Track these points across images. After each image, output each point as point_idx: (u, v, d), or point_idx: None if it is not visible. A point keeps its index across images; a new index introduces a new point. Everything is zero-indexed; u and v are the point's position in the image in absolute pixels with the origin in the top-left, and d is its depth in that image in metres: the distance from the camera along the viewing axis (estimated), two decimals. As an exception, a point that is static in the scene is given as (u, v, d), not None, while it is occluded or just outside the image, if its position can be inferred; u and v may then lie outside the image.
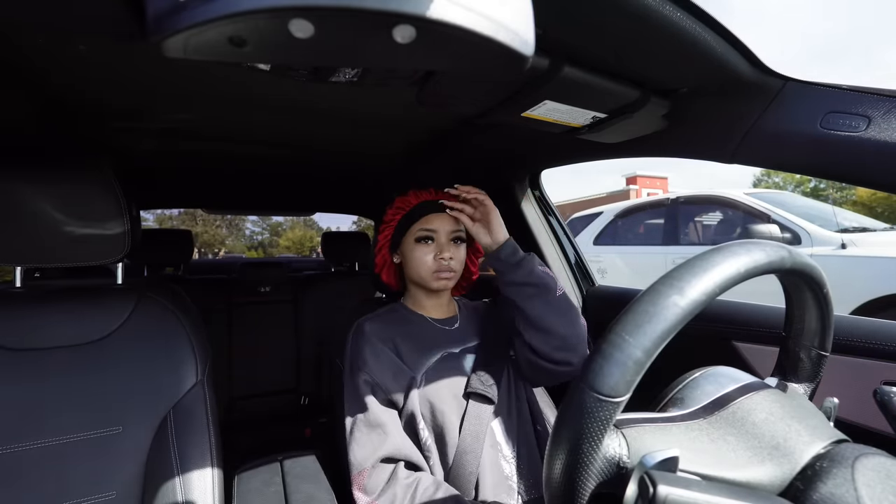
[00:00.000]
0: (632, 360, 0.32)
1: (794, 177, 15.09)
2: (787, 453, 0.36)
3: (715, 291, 0.34)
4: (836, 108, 0.58)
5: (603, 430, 0.32)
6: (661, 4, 0.49)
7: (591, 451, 0.32)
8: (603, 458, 0.34)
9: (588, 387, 0.32)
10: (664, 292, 0.33)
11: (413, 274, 0.94)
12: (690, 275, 0.34)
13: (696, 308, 0.33)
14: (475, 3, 0.28)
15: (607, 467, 0.35)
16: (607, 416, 0.32)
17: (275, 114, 0.92)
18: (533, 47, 0.32)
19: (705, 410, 0.41)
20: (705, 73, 0.63)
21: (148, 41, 0.28)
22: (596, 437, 0.32)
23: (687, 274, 0.34)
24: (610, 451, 0.35)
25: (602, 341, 0.34)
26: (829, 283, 0.43)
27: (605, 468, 0.35)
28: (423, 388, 0.84)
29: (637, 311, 0.33)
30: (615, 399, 0.32)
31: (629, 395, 0.32)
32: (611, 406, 0.32)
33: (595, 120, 0.78)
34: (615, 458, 0.35)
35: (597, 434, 0.32)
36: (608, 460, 0.35)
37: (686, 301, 0.33)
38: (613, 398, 0.32)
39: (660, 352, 0.33)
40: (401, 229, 0.95)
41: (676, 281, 0.34)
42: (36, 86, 0.71)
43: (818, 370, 0.47)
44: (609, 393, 0.32)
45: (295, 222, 21.49)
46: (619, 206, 4.70)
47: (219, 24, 0.27)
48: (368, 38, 0.31)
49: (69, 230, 0.73)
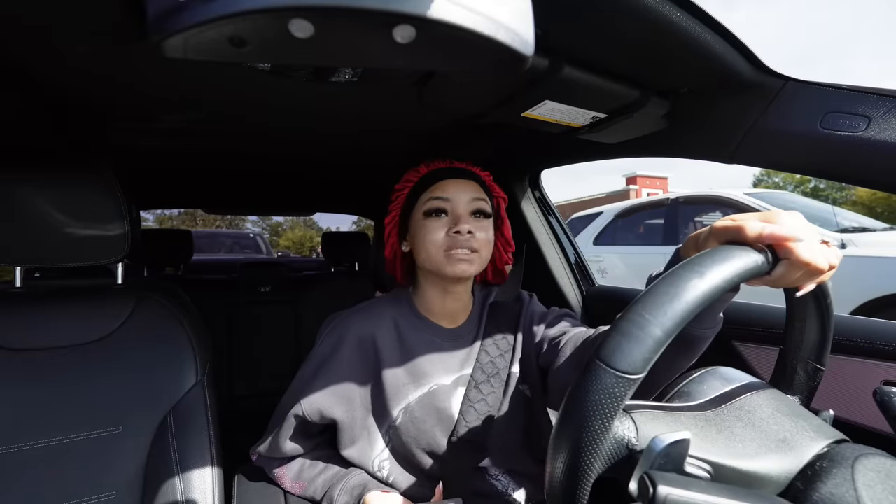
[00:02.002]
0: (651, 338, 0.32)
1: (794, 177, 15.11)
2: (794, 447, 0.36)
3: (733, 280, 0.35)
4: (836, 108, 0.58)
5: (616, 407, 0.32)
6: (661, 4, 0.49)
7: (603, 428, 0.32)
8: (612, 439, 0.34)
9: (605, 363, 0.32)
10: (685, 275, 0.34)
11: (423, 258, 0.73)
12: (711, 261, 0.35)
13: (714, 293, 0.33)
14: (475, 3, 0.28)
15: (615, 449, 0.35)
16: (622, 392, 0.32)
17: (275, 114, 0.92)
18: (533, 47, 0.32)
19: (712, 403, 0.41)
20: (705, 74, 0.63)
21: (148, 41, 0.28)
22: (609, 414, 0.32)
23: (708, 260, 0.35)
24: (619, 433, 0.35)
25: (621, 319, 0.34)
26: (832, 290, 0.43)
27: (613, 449, 0.35)
28: (397, 431, 0.71)
29: (658, 292, 0.34)
30: (632, 376, 0.32)
31: (644, 374, 0.32)
32: (626, 383, 0.32)
33: (595, 120, 0.78)
34: (624, 439, 0.35)
35: (610, 411, 0.32)
36: (617, 441, 0.35)
37: (706, 284, 0.33)
38: (630, 374, 0.32)
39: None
40: (409, 206, 0.77)
41: (697, 266, 0.35)
42: (37, 86, 0.71)
43: (814, 384, 0.48)
44: (626, 369, 0.32)
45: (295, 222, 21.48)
46: (619, 206, 4.69)
47: (219, 25, 0.27)
48: (368, 38, 0.31)
49: (69, 230, 0.73)
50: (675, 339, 0.33)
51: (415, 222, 0.75)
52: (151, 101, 0.83)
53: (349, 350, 0.73)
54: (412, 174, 0.78)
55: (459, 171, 0.75)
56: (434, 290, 0.77)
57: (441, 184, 0.73)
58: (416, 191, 0.76)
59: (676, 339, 0.34)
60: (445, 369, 0.75)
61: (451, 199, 0.72)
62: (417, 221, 0.74)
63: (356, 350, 0.73)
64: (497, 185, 0.82)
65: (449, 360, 0.76)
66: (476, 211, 0.73)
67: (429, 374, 0.73)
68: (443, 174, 0.74)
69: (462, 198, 0.72)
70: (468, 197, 0.72)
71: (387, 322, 0.76)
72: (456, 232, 0.69)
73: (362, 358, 0.73)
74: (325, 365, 0.72)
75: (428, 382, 0.73)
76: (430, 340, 0.76)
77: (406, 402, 0.71)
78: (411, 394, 0.72)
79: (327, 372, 0.72)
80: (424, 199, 0.73)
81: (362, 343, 0.73)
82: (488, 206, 0.75)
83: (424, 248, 0.72)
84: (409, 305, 0.79)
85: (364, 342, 0.73)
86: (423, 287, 0.78)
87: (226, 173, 1.50)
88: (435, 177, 0.75)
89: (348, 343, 0.73)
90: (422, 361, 0.74)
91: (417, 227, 0.74)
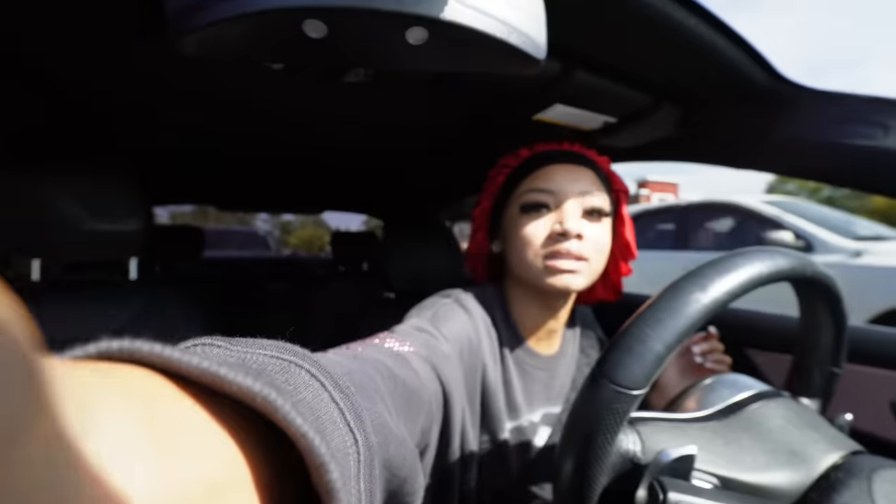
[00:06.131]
0: (653, 353, 0.32)
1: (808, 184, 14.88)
2: (805, 460, 0.36)
3: (736, 291, 0.34)
4: (852, 117, 0.57)
5: (619, 423, 0.32)
6: (674, 10, 0.48)
7: (606, 444, 0.32)
8: (617, 453, 0.34)
9: (607, 378, 0.32)
10: (687, 289, 0.33)
11: (516, 263, 0.60)
12: (714, 273, 0.34)
13: (717, 306, 0.33)
14: (488, 6, 0.28)
15: (621, 463, 0.35)
16: (625, 408, 0.32)
17: (287, 113, 0.93)
18: (545, 51, 0.32)
19: (720, 413, 0.41)
20: (718, 80, 0.62)
21: (165, 39, 0.29)
22: (612, 430, 0.32)
23: (710, 272, 0.34)
24: (624, 447, 0.35)
25: (623, 334, 0.34)
26: (845, 297, 0.42)
27: (618, 463, 0.35)
28: (477, 456, 0.58)
29: (659, 306, 0.33)
30: (634, 392, 0.32)
31: (647, 389, 0.32)
32: (628, 399, 0.32)
33: (606, 125, 0.78)
34: (629, 453, 0.35)
35: (613, 427, 0.32)
36: (622, 455, 0.35)
37: (708, 298, 0.33)
38: (632, 390, 0.32)
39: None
40: (504, 197, 0.63)
41: (700, 278, 0.34)
42: (55, 85, 0.73)
43: (831, 387, 0.46)
44: (628, 385, 0.32)
45: (305, 221, 21.61)
46: (631, 209, 4.66)
47: (234, 23, 0.27)
48: (381, 39, 0.31)
49: (87, 226, 0.74)
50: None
51: (510, 218, 0.61)
52: (165, 100, 0.84)
53: (472, 335, 0.58)
54: (510, 158, 0.64)
55: (570, 155, 0.60)
56: (529, 304, 0.63)
57: (546, 171, 0.59)
58: (514, 179, 0.61)
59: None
60: (535, 403, 0.64)
61: (556, 191, 0.57)
62: (513, 217, 0.60)
63: (466, 346, 0.57)
64: (617, 175, 0.66)
65: (540, 394, 0.64)
66: (590, 210, 0.58)
67: (520, 408, 0.61)
68: (548, 158, 0.60)
69: (571, 189, 0.57)
70: (579, 189, 0.57)
71: (489, 332, 0.61)
72: (561, 234, 0.55)
73: (472, 360, 0.58)
74: (447, 322, 0.56)
75: (515, 419, 0.61)
76: (526, 368, 0.63)
77: (501, 432, 0.59)
78: (490, 432, 0.59)
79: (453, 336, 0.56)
80: (523, 189, 0.59)
81: (471, 344, 0.58)
82: (605, 202, 0.59)
83: (519, 251, 0.58)
84: (503, 315, 0.63)
85: (472, 344, 0.58)
86: (516, 296, 0.64)
87: (237, 171, 1.52)
88: (538, 161, 0.60)
89: (471, 329, 0.58)
90: (517, 391, 0.61)
91: (512, 224, 0.60)
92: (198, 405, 0.16)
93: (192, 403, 0.15)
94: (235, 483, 0.15)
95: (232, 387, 0.16)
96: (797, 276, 0.37)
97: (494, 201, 0.65)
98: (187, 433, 0.14)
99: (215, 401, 0.16)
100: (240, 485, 0.15)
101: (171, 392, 0.15)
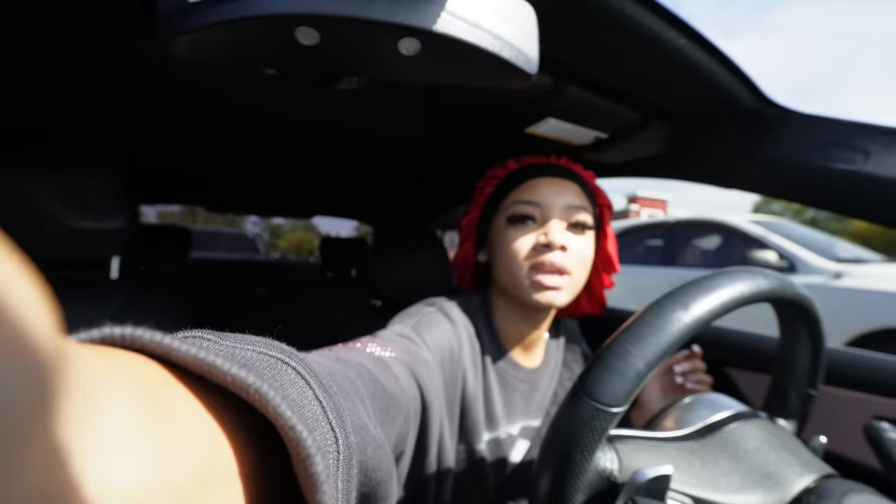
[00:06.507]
0: (633, 371, 0.32)
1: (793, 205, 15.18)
2: (778, 482, 0.36)
3: (718, 311, 0.34)
4: (835, 141, 0.58)
5: (597, 440, 0.32)
6: (665, 31, 0.49)
7: (584, 461, 0.32)
8: (594, 471, 0.34)
9: (587, 395, 0.32)
10: (669, 307, 0.34)
11: (502, 274, 0.61)
12: (696, 292, 0.34)
13: (698, 325, 0.33)
14: (481, 20, 0.28)
15: (598, 481, 0.34)
16: (603, 426, 0.32)
17: (278, 118, 0.93)
18: (537, 65, 0.32)
19: (698, 433, 0.41)
20: (706, 100, 0.64)
21: (155, 40, 0.29)
22: (590, 447, 0.32)
23: (692, 291, 0.34)
24: (601, 464, 0.35)
25: (604, 351, 0.34)
26: (823, 320, 0.43)
27: (595, 481, 0.34)
28: (452, 466, 0.58)
29: (641, 323, 0.33)
30: (613, 409, 0.32)
31: (627, 406, 0.32)
32: (608, 416, 0.32)
33: (597, 140, 0.79)
34: (606, 471, 0.35)
35: (591, 444, 0.32)
36: (599, 473, 0.34)
37: (690, 317, 0.33)
38: (612, 408, 0.31)
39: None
40: (491, 209, 0.65)
41: (682, 297, 0.34)
42: (41, 80, 0.72)
43: (807, 409, 0.47)
44: (608, 402, 0.31)
45: (295, 225, 21.47)
46: (619, 225, 4.71)
47: (226, 28, 0.27)
48: (374, 49, 0.31)
49: (67, 223, 0.73)
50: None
51: (496, 229, 0.63)
52: (154, 99, 0.83)
53: (453, 344, 0.58)
54: (498, 170, 0.65)
55: (556, 169, 0.62)
56: (513, 314, 0.64)
57: (532, 183, 0.61)
58: (501, 190, 0.63)
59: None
60: (515, 415, 0.64)
61: (542, 203, 0.59)
62: (500, 228, 0.62)
63: (448, 355, 0.57)
64: (602, 190, 0.68)
65: (520, 406, 0.65)
66: (575, 223, 0.60)
67: (498, 420, 0.61)
68: (535, 171, 0.62)
69: (557, 202, 0.59)
70: (564, 202, 0.59)
71: (471, 342, 0.62)
72: (545, 245, 0.57)
73: (452, 370, 0.58)
74: (429, 329, 0.57)
75: (492, 430, 0.61)
76: (508, 379, 0.64)
77: (477, 443, 0.59)
78: (484, 435, 0.60)
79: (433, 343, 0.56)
80: (510, 201, 0.61)
81: (453, 353, 0.58)
82: (589, 216, 0.61)
83: (505, 261, 0.60)
84: (486, 324, 0.64)
85: (454, 353, 0.58)
86: (500, 306, 0.65)
87: (226, 172, 1.50)
88: (525, 174, 0.62)
89: (453, 338, 0.58)
90: (496, 402, 0.62)
91: (499, 235, 0.62)
92: (191, 394, 0.16)
93: (187, 392, 0.16)
94: (226, 471, 0.16)
95: (227, 378, 0.16)
96: (777, 297, 0.38)
97: (482, 212, 0.67)
98: (185, 420, 0.15)
99: (208, 390, 0.17)
100: (229, 473, 0.16)
101: (168, 380, 0.16)
